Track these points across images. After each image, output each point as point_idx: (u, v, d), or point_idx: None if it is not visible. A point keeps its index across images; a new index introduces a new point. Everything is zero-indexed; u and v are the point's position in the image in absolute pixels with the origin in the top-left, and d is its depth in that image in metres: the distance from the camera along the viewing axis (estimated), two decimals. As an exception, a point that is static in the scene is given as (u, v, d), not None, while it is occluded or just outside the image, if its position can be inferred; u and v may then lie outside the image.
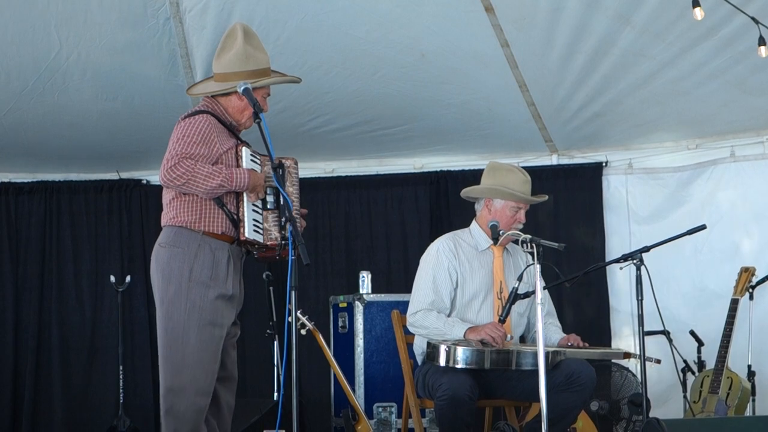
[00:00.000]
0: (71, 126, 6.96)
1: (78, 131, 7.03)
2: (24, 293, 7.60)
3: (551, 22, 5.94)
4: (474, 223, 5.33)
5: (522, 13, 5.97)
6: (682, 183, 7.19)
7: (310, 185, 7.29)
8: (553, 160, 7.50)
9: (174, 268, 4.42)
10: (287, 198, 4.32)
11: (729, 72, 6.16)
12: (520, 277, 4.80)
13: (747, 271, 6.25)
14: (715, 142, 7.08)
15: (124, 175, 7.76)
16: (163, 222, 4.54)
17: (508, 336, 5.03)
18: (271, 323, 6.75)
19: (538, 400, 4.38)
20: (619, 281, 7.14)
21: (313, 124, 7.04)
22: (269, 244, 4.48)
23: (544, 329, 5.21)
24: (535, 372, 4.43)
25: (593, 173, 7.40)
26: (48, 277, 7.61)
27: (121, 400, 7.02)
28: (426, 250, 5.28)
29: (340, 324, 6.69)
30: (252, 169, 4.48)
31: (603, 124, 6.99)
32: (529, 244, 4.64)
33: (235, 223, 4.45)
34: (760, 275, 6.31)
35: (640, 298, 4.77)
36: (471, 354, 4.77)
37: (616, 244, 7.25)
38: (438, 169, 7.62)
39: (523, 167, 5.37)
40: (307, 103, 6.79)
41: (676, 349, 5.70)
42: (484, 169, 5.36)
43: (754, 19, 5.41)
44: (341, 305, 6.70)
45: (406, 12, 6.02)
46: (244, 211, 4.44)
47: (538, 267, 4.50)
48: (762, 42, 5.43)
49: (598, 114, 6.81)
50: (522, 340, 5.31)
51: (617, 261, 4.99)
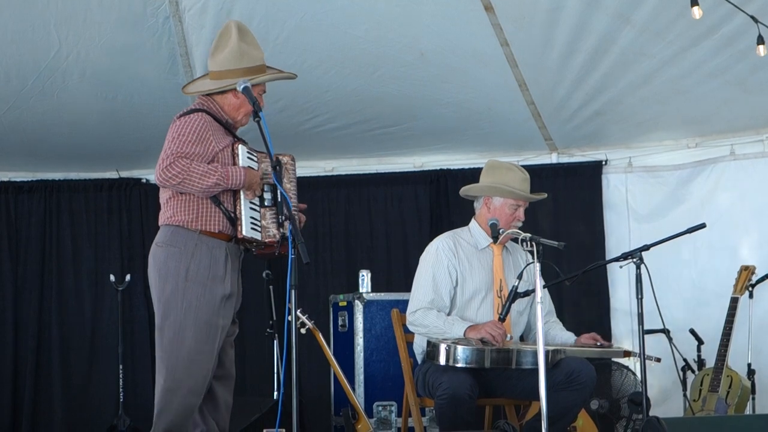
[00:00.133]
0: (71, 125, 6.96)
1: (78, 130, 7.03)
2: (24, 293, 7.58)
3: (551, 21, 5.94)
4: (473, 222, 5.32)
5: (522, 12, 5.97)
6: (681, 181, 7.19)
7: (310, 184, 7.29)
8: (552, 158, 7.50)
9: (171, 268, 4.42)
10: (286, 195, 4.32)
11: (729, 71, 6.16)
12: (520, 276, 4.79)
13: (747, 270, 6.25)
14: (715, 140, 7.08)
15: (124, 174, 7.76)
16: (160, 221, 4.54)
17: (508, 336, 5.03)
18: (271, 322, 6.75)
19: (538, 398, 4.37)
20: (619, 280, 7.13)
21: (312, 123, 7.04)
22: (267, 241, 4.48)
23: (549, 328, 5.23)
24: (535, 371, 4.42)
25: (593, 172, 7.40)
26: (48, 277, 7.61)
27: (121, 399, 7.02)
28: (426, 249, 5.27)
29: (340, 323, 6.69)
30: (249, 166, 4.47)
31: (603, 123, 6.99)
32: (529, 243, 4.63)
33: (233, 221, 4.45)
34: (759, 274, 6.30)
35: (639, 297, 4.76)
36: (471, 353, 4.77)
37: (615, 242, 7.25)
38: (438, 167, 7.62)
39: (522, 166, 5.35)
40: (306, 102, 6.79)
41: (676, 347, 5.70)
42: (483, 168, 5.35)
43: (753, 18, 5.41)
44: (341, 304, 6.70)
45: (406, 11, 6.02)
46: (241, 209, 4.43)
47: (538, 265, 4.50)
48: (761, 41, 5.43)
49: (598, 113, 6.81)
50: (522, 339, 5.30)
51: (617, 259, 4.98)
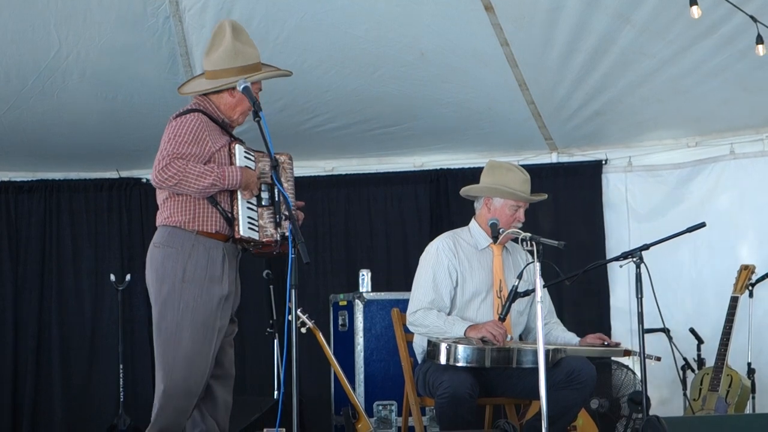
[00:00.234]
0: (71, 125, 6.96)
1: (78, 130, 7.03)
2: (24, 293, 7.58)
3: (551, 20, 5.94)
4: (473, 222, 5.31)
5: (522, 12, 5.97)
6: (681, 180, 7.19)
7: (310, 184, 7.29)
8: (552, 158, 7.50)
9: (168, 268, 4.41)
10: (285, 195, 4.31)
11: (729, 70, 6.17)
12: (520, 276, 4.79)
13: (747, 269, 6.26)
14: (715, 139, 7.08)
15: (124, 173, 7.76)
16: (157, 222, 4.54)
17: (508, 336, 5.03)
18: (271, 322, 6.76)
19: (538, 397, 4.37)
20: (618, 279, 7.13)
21: (312, 123, 7.04)
22: (265, 240, 4.46)
23: (551, 329, 5.22)
24: (536, 370, 4.42)
25: (593, 171, 7.40)
26: (48, 277, 7.60)
27: (122, 399, 7.01)
28: (426, 249, 5.26)
29: (340, 322, 6.69)
30: (246, 166, 4.46)
31: (603, 123, 6.99)
32: (529, 242, 4.63)
33: (230, 221, 4.44)
34: (759, 273, 6.31)
35: (639, 296, 4.76)
36: (472, 352, 4.77)
37: (615, 241, 7.24)
38: (438, 167, 7.62)
39: (522, 165, 5.35)
40: (306, 102, 6.79)
41: (676, 346, 5.71)
42: (483, 168, 5.36)
43: (752, 17, 5.41)
44: (341, 303, 6.70)
45: (406, 11, 6.02)
46: (238, 209, 4.42)
47: (538, 265, 4.50)
48: (760, 40, 5.44)
49: (598, 112, 6.81)
50: (521, 339, 5.30)
51: (617, 259, 4.98)
